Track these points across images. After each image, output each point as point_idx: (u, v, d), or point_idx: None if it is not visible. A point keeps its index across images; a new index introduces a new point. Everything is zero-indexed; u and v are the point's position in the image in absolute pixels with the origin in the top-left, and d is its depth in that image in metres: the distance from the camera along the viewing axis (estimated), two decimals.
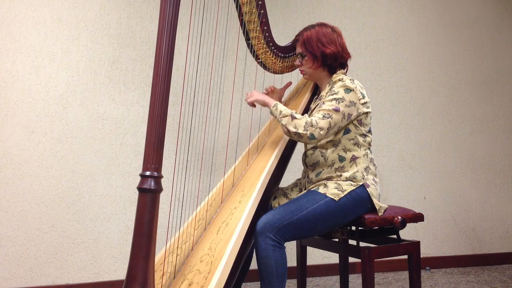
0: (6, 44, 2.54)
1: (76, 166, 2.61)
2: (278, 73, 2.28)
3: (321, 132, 1.84)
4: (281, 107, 1.91)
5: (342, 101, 1.88)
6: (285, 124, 1.87)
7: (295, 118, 1.86)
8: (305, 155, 2.06)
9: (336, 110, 1.87)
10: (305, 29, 2.06)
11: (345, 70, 2.07)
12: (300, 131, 1.84)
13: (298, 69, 2.20)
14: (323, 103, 1.91)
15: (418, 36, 3.30)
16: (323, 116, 1.86)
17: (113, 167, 2.67)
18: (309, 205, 1.82)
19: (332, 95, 1.91)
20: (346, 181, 1.90)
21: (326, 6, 3.12)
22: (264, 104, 1.99)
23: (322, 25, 2.04)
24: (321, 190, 1.88)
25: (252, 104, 2.04)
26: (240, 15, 2.03)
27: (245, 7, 2.00)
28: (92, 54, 2.67)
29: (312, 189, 1.92)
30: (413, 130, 3.25)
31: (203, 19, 2.11)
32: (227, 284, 1.59)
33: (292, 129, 1.85)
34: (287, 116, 1.87)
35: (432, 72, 3.32)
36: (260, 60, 2.17)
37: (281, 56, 2.16)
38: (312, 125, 1.83)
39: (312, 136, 1.83)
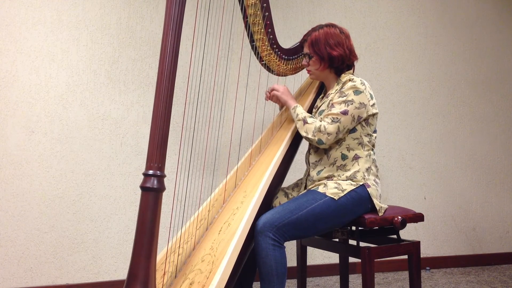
0: (6, 44, 2.53)
1: (76, 166, 2.61)
2: (282, 75, 2.27)
3: (329, 137, 1.89)
4: (298, 110, 2.02)
5: (352, 103, 1.89)
6: (299, 128, 1.98)
7: (307, 122, 1.95)
8: (308, 152, 2.07)
9: (344, 113, 1.88)
10: (314, 29, 2.06)
11: (352, 71, 2.06)
12: (310, 136, 1.93)
13: (303, 70, 2.20)
14: (333, 105, 1.92)
15: (418, 36, 3.30)
16: (332, 121, 1.89)
17: (113, 167, 2.67)
18: (309, 204, 1.82)
19: (342, 97, 1.92)
20: (346, 180, 1.91)
21: (326, 6, 3.12)
22: (285, 105, 2.12)
23: (330, 26, 2.04)
24: (321, 189, 1.88)
25: (271, 98, 2.18)
26: (245, 17, 2.03)
27: (250, 9, 2.00)
28: (92, 54, 2.67)
29: (312, 189, 1.92)
30: (413, 130, 3.25)
31: (207, 20, 2.11)
32: (229, 284, 1.59)
33: (303, 133, 1.96)
34: (301, 120, 1.97)
35: (432, 72, 3.32)
36: (264, 62, 2.17)
37: (285, 59, 2.16)
38: (320, 131, 1.89)
39: (320, 141, 1.91)
